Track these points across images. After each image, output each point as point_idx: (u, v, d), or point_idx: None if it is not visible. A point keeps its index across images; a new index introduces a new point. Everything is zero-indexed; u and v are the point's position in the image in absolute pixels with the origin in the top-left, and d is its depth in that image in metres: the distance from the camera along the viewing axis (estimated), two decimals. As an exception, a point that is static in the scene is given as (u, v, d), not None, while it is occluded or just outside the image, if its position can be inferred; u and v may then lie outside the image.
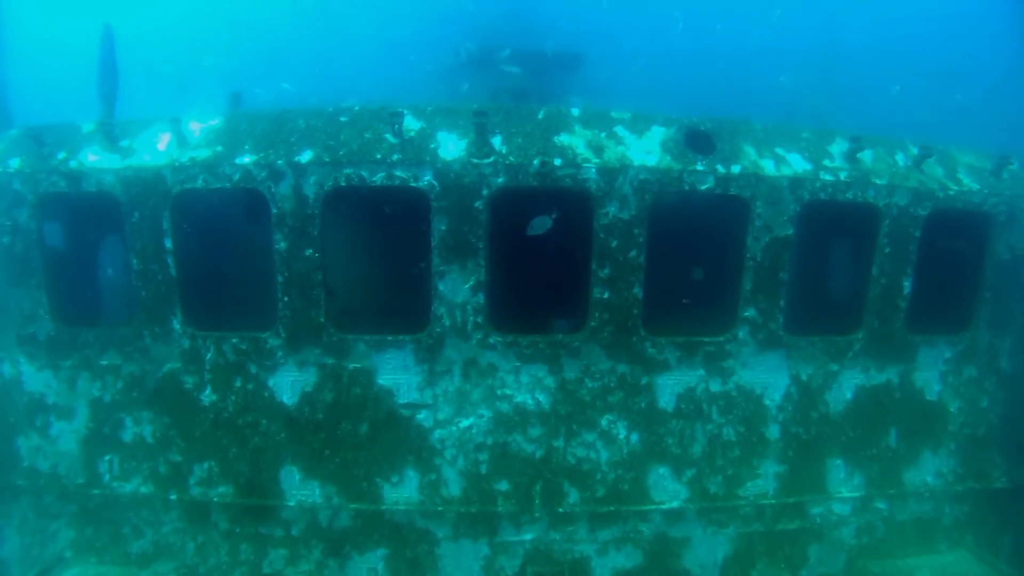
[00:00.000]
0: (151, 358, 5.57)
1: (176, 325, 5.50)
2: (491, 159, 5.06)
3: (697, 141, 5.36)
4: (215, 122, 5.48)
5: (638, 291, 5.26)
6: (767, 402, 5.61)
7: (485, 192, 5.06)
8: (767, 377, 5.59)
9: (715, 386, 5.53)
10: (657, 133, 5.37)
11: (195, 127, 5.47)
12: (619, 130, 5.33)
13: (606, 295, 5.26)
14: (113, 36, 6.34)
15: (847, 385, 5.70)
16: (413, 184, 5.07)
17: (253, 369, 5.48)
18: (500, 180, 5.05)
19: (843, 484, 5.75)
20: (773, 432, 5.63)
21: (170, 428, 5.63)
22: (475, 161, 5.05)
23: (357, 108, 5.37)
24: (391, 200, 5.64)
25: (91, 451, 5.76)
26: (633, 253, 5.22)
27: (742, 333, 5.47)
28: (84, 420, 5.75)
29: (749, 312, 5.44)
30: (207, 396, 5.54)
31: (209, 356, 5.50)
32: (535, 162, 5.06)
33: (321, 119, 5.31)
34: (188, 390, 5.57)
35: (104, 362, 5.68)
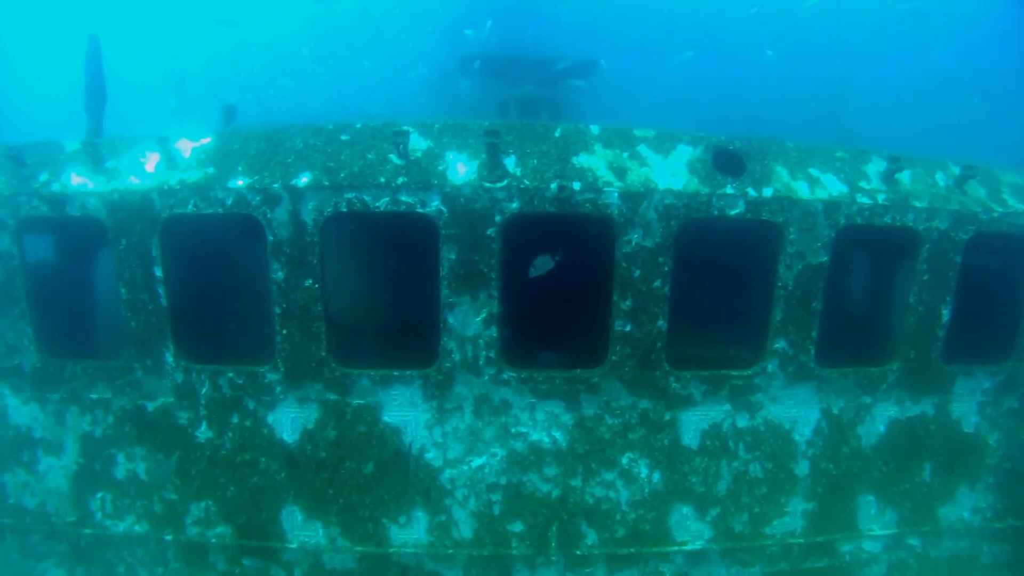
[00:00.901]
0: (143, 393, 5.11)
1: (168, 358, 5.02)
2: (504, 183, 4.55)
3: (726, 162, 4.85)
4: (206, 140, 4.95)
5: (662, 323, 4.78)
6: (796, 437, 5.15)
7: (498, 219, 4.55)
8: (797, 411, 5.12)
9: (742, 421, 5.07)
10: (683, 153, 4.85)
11: (185, 146, 4.94)
12: (642, 150, 4.82)
13: (628, 328, 4.77)
14: (99, 46, 5.79)
15: (880, 418, 5.23)
16: (420, 210, 4.56)
17: (251, 405, 5.01)
18: (514, 206, 4.55)
19: (874, 521, 5.31)
20: (802, 468, 5.18)
21: (164, 465, 5.19)
22: (487, 185, 4.54)
23: (359, 125, 4.85)
24: (396, 226, 5.13)
25: (82, 488, 5.30)
26: (657, 283, 4.72)
27: (771, 366, 5.00)
28: (74, 455, 5.29)
29: (779, 344, 4.96)
30: (203, 432, 5.07)
31: (204, 391, 5.03)
32: (552, 186, 4.55)
33: (320, 137, 4.79)
34: (183, 426, 5.11)
35: (94, 395, 5.22)
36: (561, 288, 5.44)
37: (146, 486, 5.22)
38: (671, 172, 4.75)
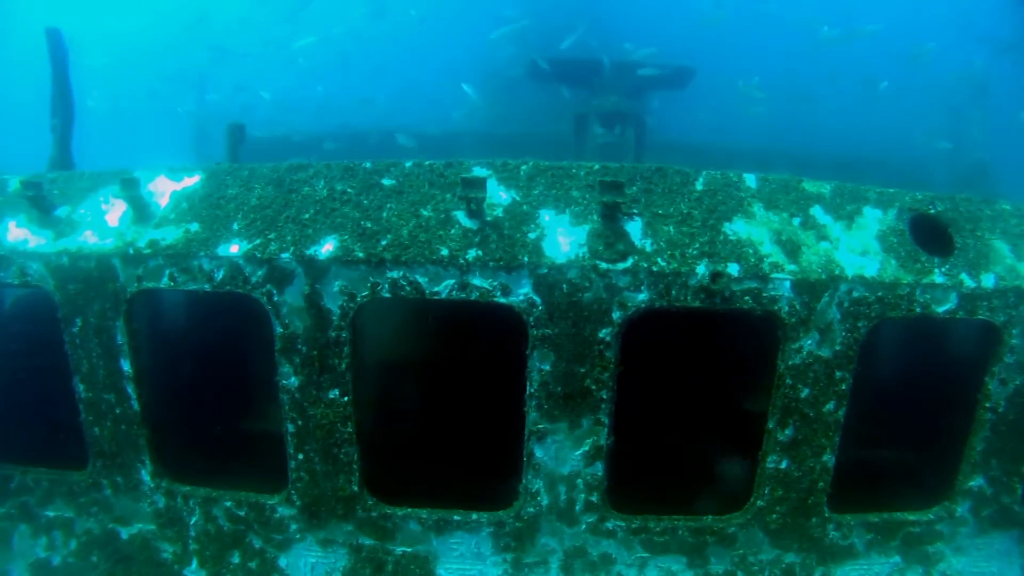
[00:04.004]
0: (115, 516, 3.38)
1: (145, 476, 3.28)
2: (629, 262, 2.74)
3: (929, 234, 3.02)
4: (193, 181, 3.10)
5: (829, 458, 3.03)
6: None
7: (617, 316, 2.76)
8: (988, 565, 3.40)
9: None
10: (871, 220, 3.02)
11: (163, 189, 3.08)
12: (818, 214, 2.98)
13: (784, 464, 3.03)
14: (64, 43, 3.85)
15: None
16: (501, 299, 2.76)
17: (257, 543, 3.27)
18: (642, 297, 2.75)
19: None
20: None
21: None
22: (603, 266, 2.73)
23: (409, 165, 3.01)
24: (464, 320, 3.33)
25: None
26: (830, 406, 2.95)
27: (961, 509, 3.27)
28: None
29: (976, 481, 3.23)
30: (193, 572, 3.35)
31: (194, 520, 3.30)
32: (700, 270, 2.73)
33: (352, 182, 2.95)
34: (167, 560, 3.39)
35: (50, 513, 3.49)
36: (689, 408, 3.68)
37: None
38: (860, 249, 2.93)
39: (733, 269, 2.75)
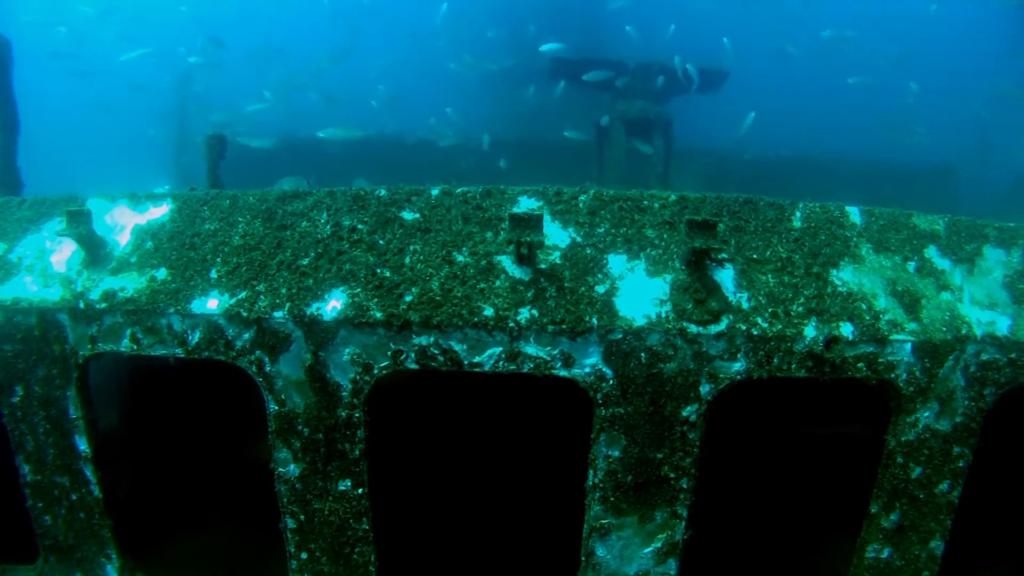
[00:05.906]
0: None
1: (111, 572, 2.58)
2: (722, 325, 2.11)
3: None
4: (160, 211, 2.36)
5: (937, 545, 2.48)
6: None
7: (706, 389, 2.14)
8: None
9: None
10: (993, 262, 2.43)
11: (121, 223, 2.33)
12: (933, 256, 2.38)
13: (885, 553, 2.47)
14: (6, 45, 3.00)
15: None
16: (561, 372, 2.12)
17: None
18: (737, 367, 2.13)
19: None
20: None
21: None
22: (692, 330, 2.10)
23: (436, 192, 2.32)
24: (512, 398, 2.66)
25: None
26: (944, 486, 2.38)
27: None
28: None
29: None
30: None
31: None
32: (809, 332, 2.12)
33: (364, 215, 2.23)
34: None
35: None
36: (772, 492, 3.08)
37: None
38: (986, 300, 2.34)
39: (846, 330, 2.14)
